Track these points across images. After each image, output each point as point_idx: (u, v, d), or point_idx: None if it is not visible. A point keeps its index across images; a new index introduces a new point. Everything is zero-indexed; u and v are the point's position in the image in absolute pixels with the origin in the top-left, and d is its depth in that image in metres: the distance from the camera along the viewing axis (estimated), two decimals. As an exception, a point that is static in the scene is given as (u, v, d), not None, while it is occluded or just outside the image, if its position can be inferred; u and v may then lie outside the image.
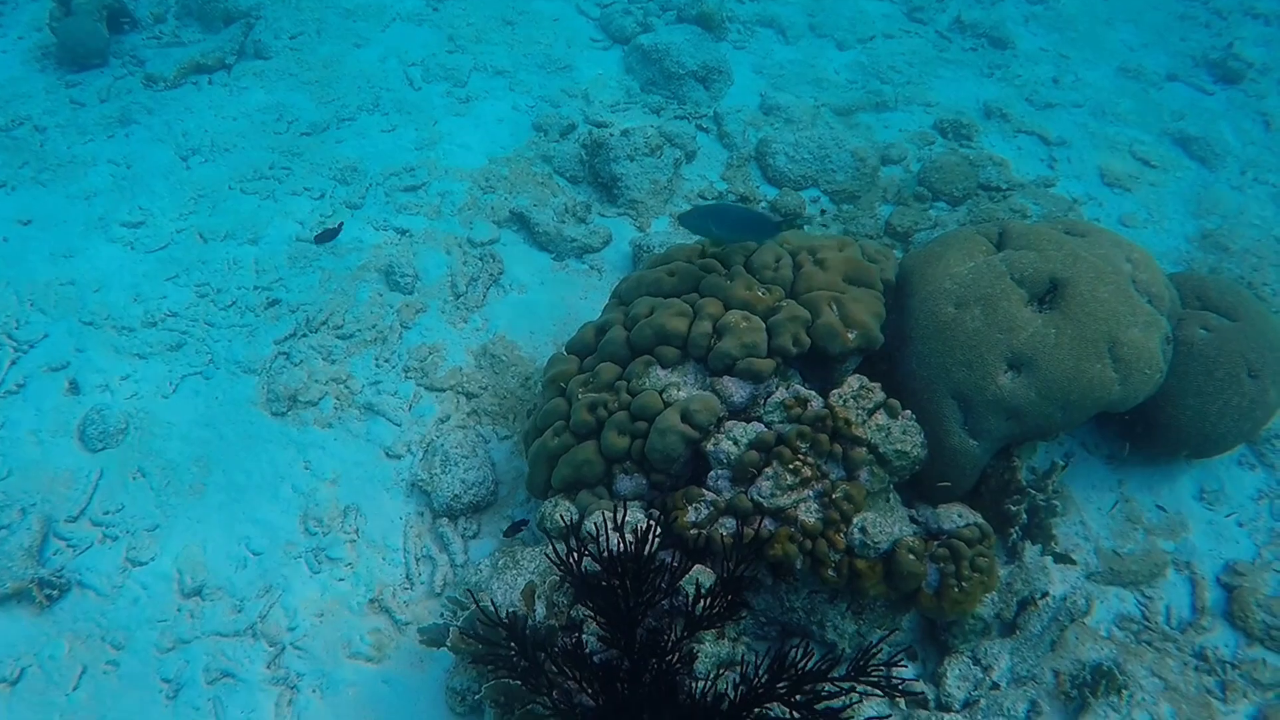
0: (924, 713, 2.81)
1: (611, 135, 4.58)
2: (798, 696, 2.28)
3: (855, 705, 2.34)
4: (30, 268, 4.15)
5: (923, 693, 2.85)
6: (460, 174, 4.68)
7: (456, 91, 5.20)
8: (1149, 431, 3.34)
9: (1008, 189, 4.63)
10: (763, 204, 4.57)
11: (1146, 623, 3.13)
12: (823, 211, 4.52)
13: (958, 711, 2.81)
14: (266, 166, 4.69)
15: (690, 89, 5.15)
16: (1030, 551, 3.07)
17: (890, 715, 2.75)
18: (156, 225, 4.39)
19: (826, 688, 2.27)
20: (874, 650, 2.32)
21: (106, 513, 3.36)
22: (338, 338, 3.94)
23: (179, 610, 3.14)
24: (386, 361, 3.86)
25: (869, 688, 2.30)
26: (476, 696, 2.66)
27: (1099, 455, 3.53)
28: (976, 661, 2.90)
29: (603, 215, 4.49)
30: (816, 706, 2.26)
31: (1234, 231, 4.61)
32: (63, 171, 4.62)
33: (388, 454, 3.57)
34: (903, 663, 2.49)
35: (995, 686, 2.85)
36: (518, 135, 4.93)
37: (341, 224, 4.22)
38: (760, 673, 2.30)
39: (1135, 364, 2.94)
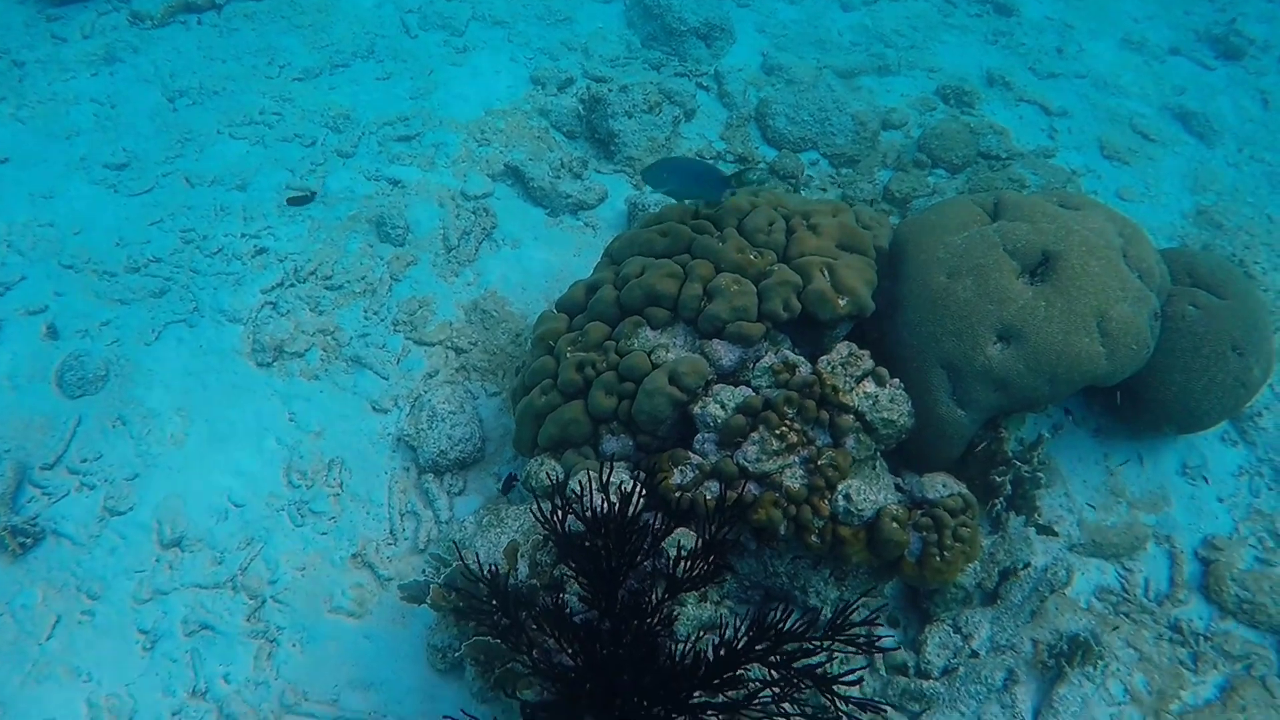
0: (903, 679, 2.84)
1: (610, 91, 4.50)
2: (776, 656, 2.29)
3: (831, 662, 2.36)
4: (8, 207, 4.06)
5: (899, 647, 2.89)
6: (455, 125, 4.59)
7: (454, 41, 5.09)
8: (1135, 406, 3.35)
9: (1007, 158, 4.59)
10: (761, 165, 4.51)
11: (1125, 595, 3.17)
12: (833, 178, 4.46)
13: (936, 679, 2.85)
14: (256, 111, 4.59)
15: (691, 46, 5.05)
16: (1014, 522, 3.09)
17: (865, 665, 2.78)
18: (141, 167, 4.29)
19: (804, 647, 2.29)
20: (851, 609, 2.34)
21: (84, 460, 3.33)
22: (326, 288, 3.88)
23: (157, 561, 3.12)
24: (375, 314, 3.82)
25: (846, 646, 2.32)
26: (457, 654, 2.67)
27: (1086, 428, 3.55)
28: (957, 630, 2.93)
29: (599, 172, 4.43)
30: (794, 665, 2.28)
31: (1228, 209, 4.59)
32: (43, 109, 4.50)
33: (374, 408, 3.54)
34: (879, 621, 2.52)
35: (974, 655, 2.88)
36: (515, 87, 4.84)
37: (315, 192, 4.13)
38: (740, 634, 2.31)
39: (1123, 339, 2.94)
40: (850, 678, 2.30)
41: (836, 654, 2.38)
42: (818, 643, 2.31)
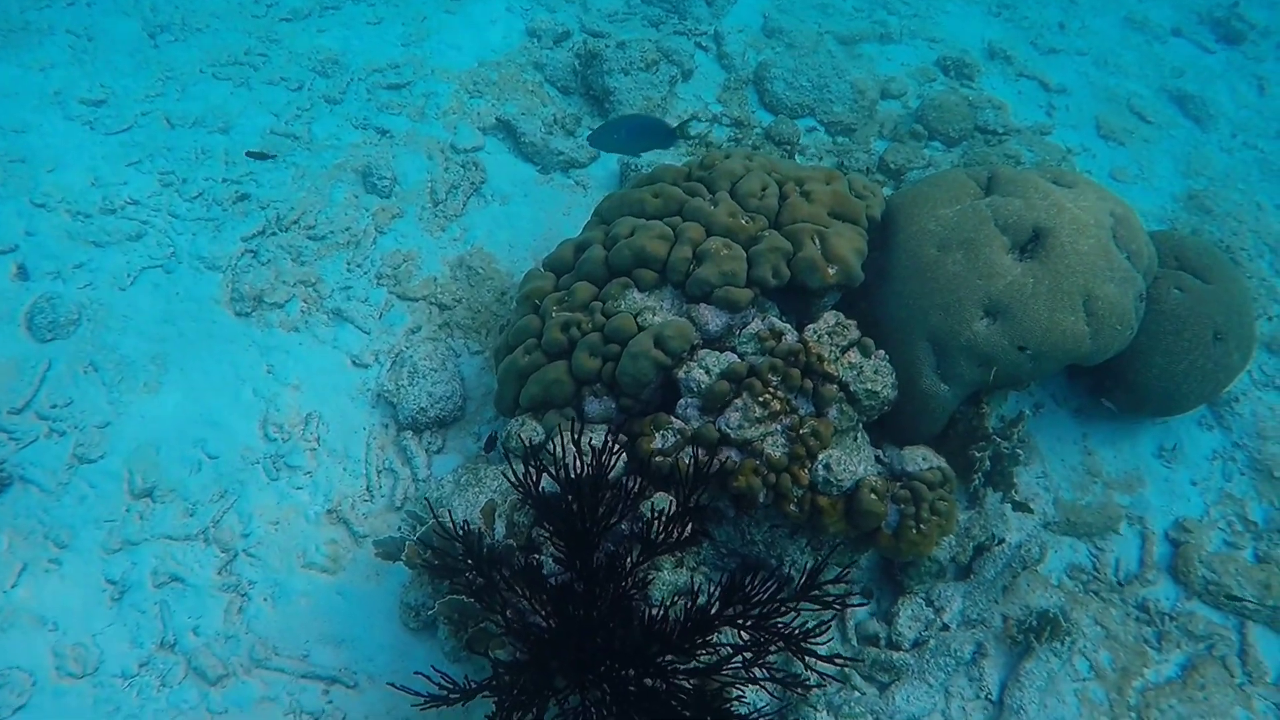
0: (874, 650, 2.87)
1: (607, 47, 4.40)
2: (745, 620, 2.31)
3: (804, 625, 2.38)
4: (-22, 141, 3.93)
5: (865, 603, 2.92)
6: (447, 75, 4.48)
7: (448, -14, 4.95)
8: (1116, 387, 3.36)
9: (1004, 133, 4.54)
10: (756, 130, 4.44)
11: (1096, 573, 3.21)
12: (829, 146, 4.40)
13: (907, 650, 2.88)
14: (242, 51, 4.45)
15: (692, 4, 4.94)
16: (991, 498, 3.11)
17: (830, 619, 2.80)
18: (119, 105, 4.15)
19: (774, 608, 2.31)
20: (819, 569, 2.37)
21: (54, 406, 3.26)
22: (309, 238, 3.80)
23: (128, 511, 3.07)
24: (358, 266, 3.75)
25: (815, 606, 2.33)
26: (430, 612, 2.67)
27: (1067, 408, 3.56)
28: (930, 603, 2.96)
29: (592, 129, 4.34)
30: (765, 624, 2.30)
31: (1219, 194, 4.58)
32: (14, 38, 4.33)
33: (354, 362, 3.49)
34: (849, 579, 2.53)
35: (945, 628, 2.92)
36: (510, 39, 4.72)
37: (276, 155, 4.01)
38: (712, 599, 2.32)
39: (1108, 319, 2.94)
40: (817, 635, 2.31)
41: (808, 617, 2.39)
42: (788, 604, 2.33)
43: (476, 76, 4.49)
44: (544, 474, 2.49)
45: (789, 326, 2.84)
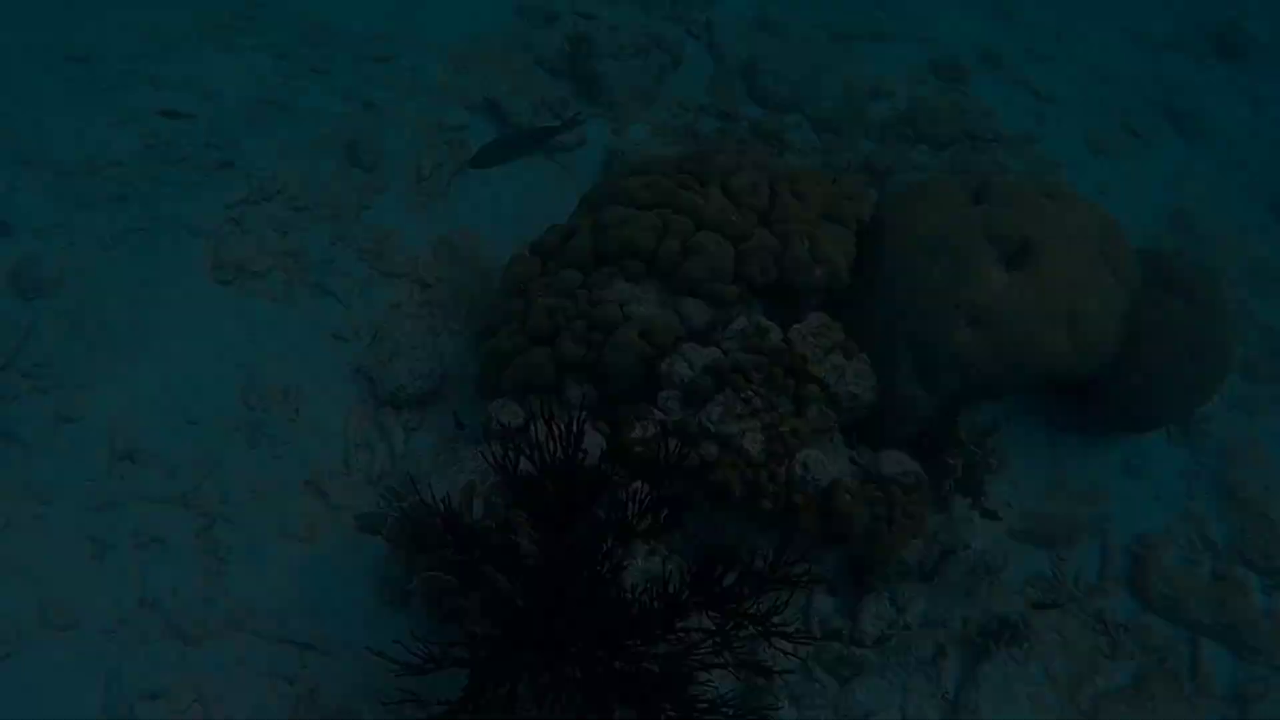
0: (837, 645, 2.92)
1: (598, 30, 4.37)
2: (714, 605, 2.35)
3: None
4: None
5: (823, 582, 2.96)
6: (435, 50, 4.43)
7: (439, -40, 4.88)
8: (1091, 402, 3.41)
9: (993, 140, 4.53)
10: (744, 123, 4.43)
11: (1057, 582, 3.27)
12: (816, 144, 4.39)
13: (869, 647, 2.93)
14: (228, 14, 4.38)
15: (685, -12, 4.90)
16: (960, 504, 3.16)
17: (787, 601, 2.84)
18: (103, 63, 4.08)
19: (741, 590, 2.37)
20: (783, 549, 2.44)
21: (37, 365, 3.23)
22: (292, 209, 3.77)
23: (109, 472, 3.07)
24: (341, 240, 3.72)
25: (782, 585, 2.38)
26: (407, 586, 2.69)
27: (1039, 418, 3.60)
28: (894, 602, 3.00)
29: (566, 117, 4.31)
30: (733, 608, 2.35)
31: (1205, 214, 4.60)
32: (-9, -8, 4.25)
33: (335, 335, 3.48)
34: (809, 560, 2.58)
35: (908, 627, 2.97)
36: (499, 16, 4.66)
37: (194, 114, 3.96)
38: (684, 587, 2.36)
39: (1089, 335, 2.98)
40: (781, 614, 2.37)
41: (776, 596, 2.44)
42: (753, 585, 2.37)
43: (465, 53, 4.45)
44: (520, 456, 2.51)
45: (774, 325, 2.86)
